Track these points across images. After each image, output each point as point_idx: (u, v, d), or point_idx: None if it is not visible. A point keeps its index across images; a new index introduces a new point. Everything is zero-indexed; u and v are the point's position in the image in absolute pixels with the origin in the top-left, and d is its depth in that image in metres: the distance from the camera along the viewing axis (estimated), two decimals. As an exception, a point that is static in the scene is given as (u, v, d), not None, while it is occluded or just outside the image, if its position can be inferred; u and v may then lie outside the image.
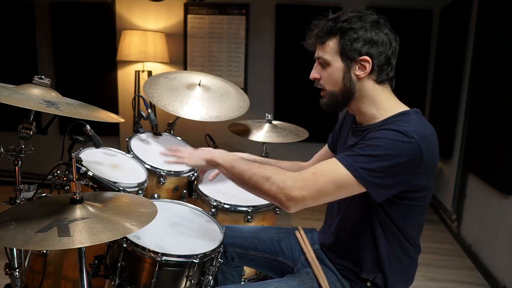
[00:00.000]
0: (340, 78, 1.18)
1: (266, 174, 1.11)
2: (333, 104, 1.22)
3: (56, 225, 0.97)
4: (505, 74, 2.43)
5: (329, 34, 1.17)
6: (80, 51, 3.92)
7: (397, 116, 1.14)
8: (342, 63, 1.17)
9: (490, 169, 2.60)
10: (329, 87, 1.21)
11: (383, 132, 1.07)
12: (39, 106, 1.02)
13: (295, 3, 3.78)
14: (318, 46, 1.21)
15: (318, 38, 1.20)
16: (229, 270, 1.54)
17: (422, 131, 1.07)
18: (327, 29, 1.17)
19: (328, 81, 1.21)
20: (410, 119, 1.10)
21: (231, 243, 1.50)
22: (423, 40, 3.78)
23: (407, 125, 1.07)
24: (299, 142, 2.29)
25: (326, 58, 1.18)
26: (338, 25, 1.15)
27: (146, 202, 1.18)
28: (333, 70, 1.18)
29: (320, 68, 1.23)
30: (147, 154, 1.90)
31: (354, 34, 1.14)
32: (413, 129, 1.05)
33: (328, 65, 1.19)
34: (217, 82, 2.25)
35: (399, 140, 1.04)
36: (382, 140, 1.05)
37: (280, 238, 1.50)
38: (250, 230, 1.55)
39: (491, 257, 2.58)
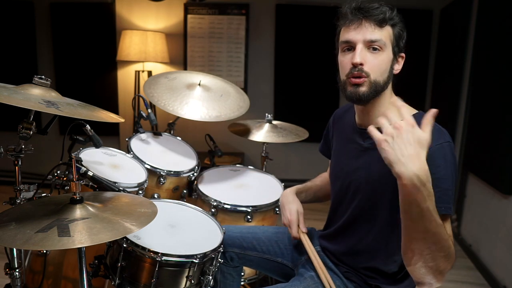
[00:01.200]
0: (388, 68, 1.14)
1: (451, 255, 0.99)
2: (372, 95, 1.13)
3: (56, 225, 0.97)
4: (505, 74, 2.43)
5: (389, 21, 1.12)
6: (80, 51, 3.92)
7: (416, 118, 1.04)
8: (392, 54, 1.14)
9: (490, 169, 2.60)
10: (375, 76, 1.12)
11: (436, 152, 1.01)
12: (39, 106, 1.02)
13: (295, 3, 3.78)
14: (373, 27, 1.11)
15: (380, 21, 1.11)
16: (228, 270, 1.53)
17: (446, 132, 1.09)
18: (387, 15, 1.11)
19: (376, 69, 1.11)
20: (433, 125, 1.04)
21: (230, 244, 1.49)
22: (423, 40, 3.78)
23: (439, 131, 1.06)
24: (299, 142, 2.29)
25: (385, 43, 1.11)
26: (395, 16, 1.13)
27: (146, 202, 1.18)
28: (385, 58, 1.12)
29: (365, 53, 1.11)
30: (147, 154, 1.90)
31: (403, 29, 1.15)
32: (445, 133, 1.07)
33: (382, 51, 1.12)
34: (217, 82, 2.25)
35: (448, 152, 1.04)
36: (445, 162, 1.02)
37: (279, 239, 1.50)
38: (249, 230, 1.54)
39: (491, 257, 2.58)
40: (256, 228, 1.58)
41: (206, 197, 1.85)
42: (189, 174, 1.96)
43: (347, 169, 1.27)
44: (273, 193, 1.95)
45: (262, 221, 1.87)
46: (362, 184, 1.20)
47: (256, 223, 1.85)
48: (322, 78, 3.76)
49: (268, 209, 1.87)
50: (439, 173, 1.00)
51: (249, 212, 1.81)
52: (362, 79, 1.11)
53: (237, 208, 1.81)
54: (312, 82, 3.95)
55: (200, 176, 2.02)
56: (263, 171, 2.20)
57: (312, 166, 4.22)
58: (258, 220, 1.86)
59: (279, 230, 1.55)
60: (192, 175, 1.97)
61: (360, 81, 1.11)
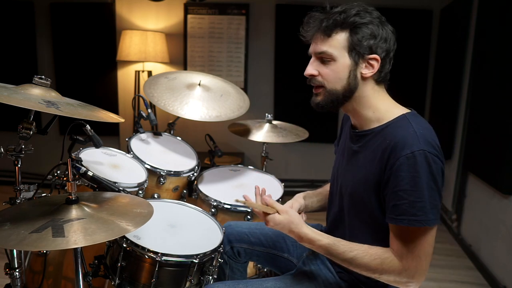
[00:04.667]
0: (345, 76, 1.10)
1: (376, 271, 1.07)
2: (330, 104, 1.14)
3: (51, 225, 0.97)
4: (505, 74, 2.43)
5: (337, 28, 1.08)
6: (80, 51, 3.92)
7: (396, 123, 1.09)
8: (350, 60, 1.09)
9: (490, 169, 2.60)
10: (330, 85, 1.12)
11: (404, 164, 1.00)
12: (39, 106, 1.02)
13: (295, 3, 3.78)
14: (321, 39, 1.11)
15: (324, 31, 1.09)
16: (237, 265, 1.55)
17: (429, 136, 1.03)
18: (336, 21, 1.07)
19: (330, 78, 1.11)
20: (410, 126, 1.05)
21: (238, 239, 1.51)
22: (423, 40, 3.78)
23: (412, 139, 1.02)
24: (299, 142, 2.29)
25: (332, 53, 1.09)
26: (350, 18, 1.07)
27: (142, 203, 1.18)
28: (339, 66, 1.10)
29: (318, 64, 1.13)
30: (147, 154, 1.90)
31: (366, 30, 1.07)
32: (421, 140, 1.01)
33: (333, 61, 1.10)
34: (217, 82, 2.25)
35: (417, 162, 0.99)
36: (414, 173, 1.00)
37: (285, 235, 1.50)
38: (256, 226, 1.56)
39: (491, 257, 2.58)
40: (263, 224, 1.59)
41: (206, 197, 1.85)
42: (189, 174, 1.96)
43: (340, 170, 1.28)
44: (273, 193, 1.94)
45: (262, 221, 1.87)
46: (348, 186, 1.21)
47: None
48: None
49: (268, 209, 1.86)
50: (403, 186, 1.00)
51: (249, 212, 1.81)
52: (318, 89, 1.15)
53: (237, 208, 1.81)
54: (312, 82, 3.95)
55: (200, 176, 2.02)
56: (263, 171, 2.20)
57: (312, 166, 4.23)
58: (259, 220, 1.86)
59: None
60: (192, 175, 1.97)
61: (317, 91, 1.16)
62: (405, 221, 1.01)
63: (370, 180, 1.10)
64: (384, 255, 1.06)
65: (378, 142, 1.10)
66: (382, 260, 1.05)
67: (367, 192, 1.12)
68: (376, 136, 1.12)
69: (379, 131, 1.11)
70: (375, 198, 1.10)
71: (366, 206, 1.14)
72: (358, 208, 1.18)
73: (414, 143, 1.00)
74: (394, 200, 1.02)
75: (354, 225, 1.21)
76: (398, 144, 1.02)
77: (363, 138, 1.16)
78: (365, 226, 1.17)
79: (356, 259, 1.07)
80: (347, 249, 1.09)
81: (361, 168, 1.15)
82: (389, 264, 1.05)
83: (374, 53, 1.09)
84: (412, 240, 1.02)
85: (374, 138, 1.12)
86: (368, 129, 1.15)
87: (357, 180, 1.16)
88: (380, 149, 1.08)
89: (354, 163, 1.19)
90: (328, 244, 1.10)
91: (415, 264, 1.03)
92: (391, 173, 1.03)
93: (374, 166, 1.09)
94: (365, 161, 1.13)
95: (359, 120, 1.18)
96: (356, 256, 1.07)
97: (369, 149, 1.13)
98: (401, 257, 1.04)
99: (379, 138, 1.10)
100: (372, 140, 1.12)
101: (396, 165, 1.01)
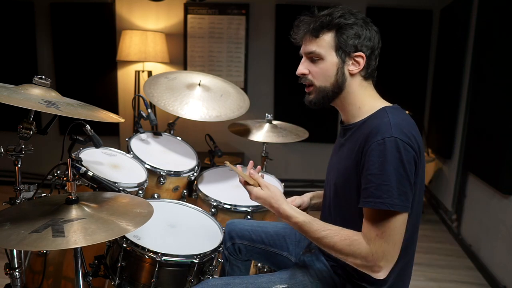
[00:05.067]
0: (333, 73, 1.18)
1: (343, 252, 1.09)
2: (321, 100, 1.22)
3: (51, 225, 0.97)
4: (505, 74, 2.43)
5: (324, 29, 1.17)
6: (80, 51, 3.92)
7: (376, 115, 1.16)
8: (337, 58, 1.17)
9: (490, 169, 2.60)
10: (319, 82, 1.20)
11: (375, 150, 1.05)
12: (39, 106, 1.02)
13: (295, 3, 3.78)
14: (310, 40, 1.20)
15: (312, 32, 1.18)
16: (236, 262, 1.58)
17: (403, 126, 1.08)
18: (323, 23, 1.17)
19: (319, 76, 1.20)
20: (386, 116, 1.11)
21: (240, 236, 1.54)
22: (423, 40, 3.78)
23: (386, 127, 1.07)
24: (299, 142, 2.29)
25: (320, 53, 1.18)
26: (335, 20, 1.16)
27: (142, 203, 1.18)
28: (327, 65, 1.18)
29: (308, 63, 1.22)
30: (147, 154, 1.91)
31: (351, 30, 1.15)
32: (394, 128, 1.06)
33: (321, 60, 1.19)
34: (217, 82, 2.25)
35: (387, 148, 1.03)
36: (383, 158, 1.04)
37: (286, 234, 1.54)
38: (259, 224, 1.59)
39: (491, 257, 2.58)
40: (267, 222, 1.63)
41: (206, 197, 1.85)
42: (189, 174, 1.96)
43: (332, 163, 1.34)
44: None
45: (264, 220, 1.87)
46: (335, 177, 1.25)
47: (256, 223, 1.85)
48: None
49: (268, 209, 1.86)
50: (373, 170, 1.05)
51: (249, 212, 1.81)
52: (310, 88, 1.23)
53: (237, 208, 1.81)
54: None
55: (200, 176, 2.02)
56: (263, 171, 2.20)
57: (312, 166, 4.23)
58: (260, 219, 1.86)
59: (288, 226, 1.55)
60: (192, 175, 1.97)
61: (309, 90, 1.24)
62: (371, 203, 1.05)
63: (350, 170, 1.16)
64: (353, 237, 1.09)
65: (358, 134, 1.16)
66: (351, 241, 1.08)
67: (347, 182, 1.17)
68: (359, 128, 1.18)
69: (361, 124, 1.18)
70: (355, 188, 1.14)
71: (346, 196, 1.18)
72: (340, 199, 1.23)
73: (387, 131, 1.06)
74: (364, 184, 1.08)
75: (337, 216, 1.24)
76: (372, 131, 1.09)
77: (348, 131, 1.23)
78: (347, 217, 1.20)
79: (326, 238, 1.11)
80: (320, 228, 1.13)
81: (343, 160, 1.21)
82: (357, 246, 1.07)
83: (360, 51, 1.17)
84: (380, 224, 1.05)
85: (357, 131, 1.18)
86: (352, 123, 1.22)
87: (340, 172, 1.22)
88: (359, 140, 1.14)
89: (340, 155, 1.25)
90: (303, 221, 1.15)
91: (382, 249, 1.04)
92: (365, 159, 1.09)
93: (353, 157, 1.14)
94: (347, 153, 1.19)
95: (347, 115, 1.25)
96: (327, 235, 1.11)
97: (351, 141, 1.19)
98: (369, 240, 1.06)
99: (360, 130, 1.17)
100: (355, 133, 1.19)
101: (368, 151, 1.07)
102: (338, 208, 1.24)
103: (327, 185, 1.35)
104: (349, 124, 1.24)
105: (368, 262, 1.06)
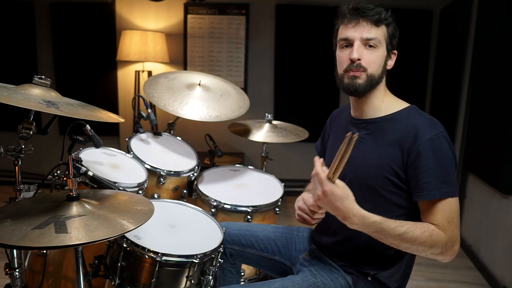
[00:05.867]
0: (382, 64, 1.23)
1: (426, 243, 1.10)
2: (368, 88, 1.23)
3: (53, 222, 0.96)
4: (505, 74, 2.43)
5: (383, 20, 1.22)
6: (80, 51, 3.92)
7: (409, 113, 1.23)
8: (385, 51, 1.23)
9: (490, 169, 2.60)
10: (371, 70, 1.22)
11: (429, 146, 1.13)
12: (39, 106, 1.02)
13: (295, 3, 3.78)
14: (369, 27, 1.21)
15: (376, 21, 1.21)
16: (227, 266, 1.55)
17: (439, 122, 1.19)
18: (382, 15, 1.21)
19: (373, 64, 1.22)
20: (423, 114, 1.22)
21: (229, 241, 1.51)
22: (423, 40, 3.78)
23: (433, 123, 1.17)
24: (299, 142, 2.29)
25: (381, 41, 1.21)
26: (389, 16, 1.23)
27: (143, 200, 1.18)
28: (380, 54, 1.22)
29: (362, 50, 1.21)
30: (147, 154, 1.90)
31: (396, 28, 1.25)
32: (439, 124, 1.18)
33: (377, 48, 1.21)
34: (217, 82, 2.25)
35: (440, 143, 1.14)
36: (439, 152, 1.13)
37: (277, 237, 1.51)
38: (247, 228, 1.56)
39: (491, 257, 2.58)
40: (255, 226, 1.59)
41: (206, 197, 1.85)
42: (189, 174, 1.96)
43: None
44: (273, 193, 1.95)
45: (262, 221, 1.87)
46: (357, 171, 1.24)
47: (256, 223, 1.85)
48: (322, 78, 3.76)
49: (268, 209, 1.87)
50: (431, 164, 1.13)
51: (249, 212, 1.81)
52: (359, 72, 1.21)
53: (237, 208, 1.81)
54: (312, 82, 3.95)
55: (200, 176, 2.02)
56: (263, 171, 2.20)
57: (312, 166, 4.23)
58: (258, 220, 1.86)
59: (278, 229, 1.56)
60: (192, 175, 1.97)
61: (358, 74, 1.21)
62: (437, 194, 1.12)
63: (385, 163, 1.20)
64: (430, 228, 1.11)
65: (391, 128, 1.22)
66: (430, 232, 1.10)
67: (382, 174, 1.20)
68: (387, 122, 1.23)
69: (390, 119, 1.24)
70: (390, 178, 1.19)
71: (377, 187, 1.21)
72: (368, 190, 1.22)
73: (436, 127, 1.16)
74: (425, 178, 1.13)
75: (362, 207, 1.16)
76: (420, 129, 1.16)
77: (371, 125, 1.26)
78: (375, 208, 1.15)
79: (408, 233, 1.09)
80: (397, 224, 1.10)
81: (373, 153, 1.23)
82: (437, 236, 1.10)
83: (395, 48, 1.27)
84: (448, 211, 1.12)
85: (385, 125, 1.23)
86: (378, 117, 1.26)
87: (370, 164, 1.23)
88: (396, 133, 1.20)
89: (362, 148, 1.24)
90: (380, 219, 1.09)
91: (455, 233, 1.12)
92: (417, 155, 1.14)
93: (392, 149, 1.19)
94: (377, 146, 1.23)
95: (367, 108, 1.27)
96: (408, 230, 1.09)
97: (380, 134, 1.23)
98: (443, 228, 1.11)
99: (391, 125, 1.23)
100: (383, 126, 1.24)
101: (421, 147, 1.14)
102: (365, 200, 1.16)
103: None
104: (371, 118, 1.27)
105: (447, 250, 1.11)
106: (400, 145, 1.18)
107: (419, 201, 1.16)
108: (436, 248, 1.10)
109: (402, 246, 1.11)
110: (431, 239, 1.09)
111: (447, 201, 1.12)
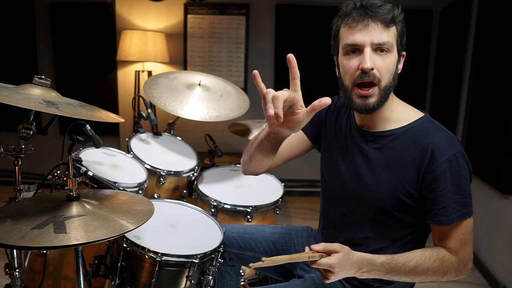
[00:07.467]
0: (393, 70, 1.06)
1: (438, 272, 1.07)
2: (382, 103, 1.06)
3: (52, 221, 0.96)
4: (505, 74, 2.43)
5: (393, 20, 1.03)
6: (80, 51, 3.92)
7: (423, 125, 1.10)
8: (397, 54, 1.06)
9: (490, 169, 2.60)
10: (385, 81, 1.03)
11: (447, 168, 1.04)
12: (39, 106, 1.02)
13: (295, 3, 3.78)
14: (380, 29, 1.01)
15: (387, 22, 1.01)
16: (225, 269, 1.53)
17: (455, 136, 1.10)
18: (393, 14, 1.02)
19: (386, 73, 1.03)
20: (440, 129, 1.10)
21: (227, 244, 1.48)
22: (423, 40, 3.78)
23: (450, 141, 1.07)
24: (299, 142, 2.28)
25: (393, 44, 1.03)
26: (400, 12, 1.04)
27: (143, 200, 1.18)
28: (392, 59, 1.04)
29: (374, 56, 1.02)
30: (147, 154, 1.91)
31: (405, 26, 1.07)
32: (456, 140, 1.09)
33: (389, 53, 1.03)
34: (217, 82, 2.25)
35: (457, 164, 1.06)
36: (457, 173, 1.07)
37: (276, 239, 1.49)
38: (245, 230, 1.52)
39: (491, 257, 2.58)
40: (253, 228, 1.56)
41: (206, 197, 1.85)
42: (189, 174, 1.96)
43: (347, 170, 1.22)
44: (273, 193, 1.95)
45: (262, 221, 1.87)
46: (366, 188, 1.16)
47: (256, 223, 1.85)
48: (322, 78, 3.75)
49: (268, 209, 1.87)
50: (450, 188, 1.05)
51: (249, 212, 1.81)
52: (370, 90, 1.04)
53: (237, 208, 1.81)
54: (312, 82, 3.95)
55: (200, 176, 2.02)
56: (263, 171, 2.20)
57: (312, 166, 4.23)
58: (258, 220, 1.86)
59: (276, 230, 1.53)
60: (192, 175, 1.97)
61: (369, 93, 1.04)
62: (455, 219, 1.06)
63: (399, 184, 1.09)
64: (440, 254, 1.07)
65: (404, 144, 1.09)
66: (441, 260, 1.06)
67: (395, 195, 1.10)
68: (400, 137, 1.10)
69: (403, 132, 1.10)
70: (403, 200, 1.09)
71: (387, 206, 1.12)
72: (378, 211, 1.14)
73: (454, 146, 1.06)
74: (442, 203, 1.06)
75: (371, 224, 1.17)
76: (437, 149, 1.05)
77: (381, 139, 1.12)
78: (383, 226, 1.15)
79: (418, 267, 1.04)
80: (406, 259, 1.04)
81: (384, 172, 1.11)
82: (447, 262, 1.06)
83: (404, 49, 1.10)
84: (461, 232, 1.08)
85: (397, 140, 1.10)
86: (388, 130, 1.12)
87: (381, 185, 1.12)
88: (410, 151, 1.08)
89: (372, 166, 1.14)
90: (387, 259, 1.04)
91: (468, 253, 1.09)
92: (434, 177, 1.05)
93: (406, 168, 1.08)
94: (389, 163, 1.11)
95: (376, 120, 1.12)
96: (418, 264, 1.04)
97: (393, 151, 1.11)
98: (455, 252, 1.07)
99: (404, 140, 1.09)
100: (395, 141, 1.10)
101: (439, 169, 1.04)
102: (372, 217, 1.14)
103: (342, 192, 1.22)
104: (381, 130, 1.12)
105: (460, 271, 1.09)
106: (416, 165, 1.06)
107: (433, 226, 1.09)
108: (450, 274, 1.07)
109: (417, 280, 1.08)
110: (443, 266, 1.06)
111: (462, 223, 1.08)
